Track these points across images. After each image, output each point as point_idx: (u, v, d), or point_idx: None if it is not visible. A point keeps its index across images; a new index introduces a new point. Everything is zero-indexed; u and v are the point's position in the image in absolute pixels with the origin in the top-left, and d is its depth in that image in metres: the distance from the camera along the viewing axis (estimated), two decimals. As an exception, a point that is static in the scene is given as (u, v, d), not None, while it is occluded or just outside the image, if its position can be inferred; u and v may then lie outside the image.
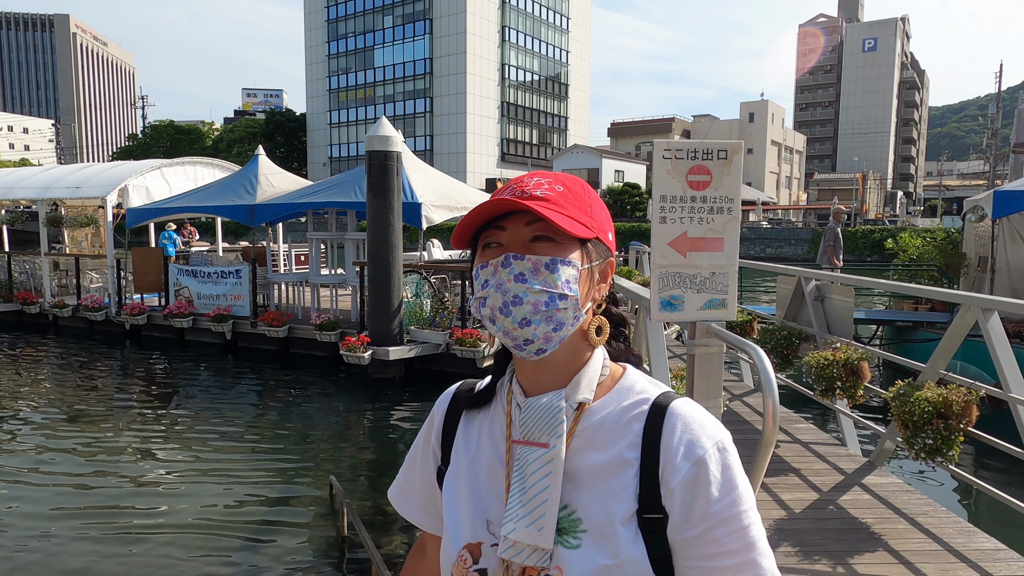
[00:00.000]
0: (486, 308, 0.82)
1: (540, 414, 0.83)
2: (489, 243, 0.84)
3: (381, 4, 73.55)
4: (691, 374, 2.91)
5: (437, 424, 0.98)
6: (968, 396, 3.48)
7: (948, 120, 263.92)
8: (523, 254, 0.81)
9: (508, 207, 0.82)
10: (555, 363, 0.85)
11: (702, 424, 0.81)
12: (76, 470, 6.31)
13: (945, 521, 3.56)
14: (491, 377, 0.95)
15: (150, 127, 78.74)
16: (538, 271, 0.80)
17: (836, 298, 5.36)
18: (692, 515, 0.78)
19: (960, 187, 76.69)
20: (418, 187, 10.17)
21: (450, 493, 0.91)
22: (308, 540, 4.99)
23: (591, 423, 0.84)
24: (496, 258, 0.82)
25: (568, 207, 0.83)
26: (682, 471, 0.78)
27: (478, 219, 0.84)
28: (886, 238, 15.64)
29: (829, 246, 11.42)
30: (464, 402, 0.95)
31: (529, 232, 0.82)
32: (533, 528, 0.79)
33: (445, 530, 0.90)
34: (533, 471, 0.82)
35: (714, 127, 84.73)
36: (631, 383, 0.87)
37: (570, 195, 0.84)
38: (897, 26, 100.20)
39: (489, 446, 0.90)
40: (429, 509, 0.99)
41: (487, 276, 0.82)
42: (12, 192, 14.62)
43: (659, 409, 0.82)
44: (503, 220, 0.83)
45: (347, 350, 8.93)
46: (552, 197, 0.82)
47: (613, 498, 0.80)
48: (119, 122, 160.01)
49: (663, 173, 2.59)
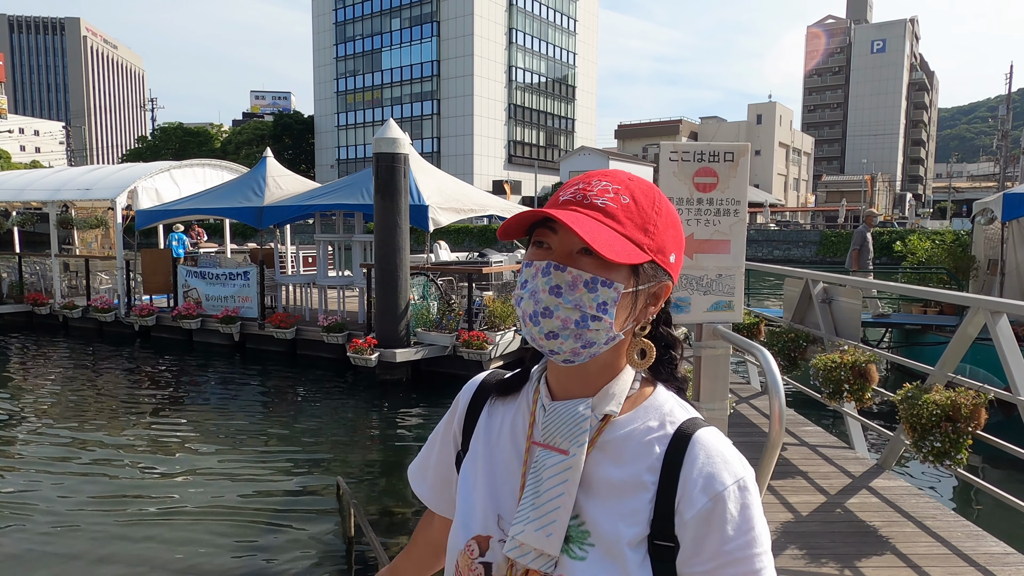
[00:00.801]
0: (520, 309, 0.81)
1: (564, 420, 0.82)
2: (539, 241, 0.81)
3: (389, 7, 73.81)
4: (698, 376, 2.91)
5: (461, 409, 0.98)
6: (977, 399, 3.47)
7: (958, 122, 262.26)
8: (565, 265, 0.77)
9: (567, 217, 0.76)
10: (586, 372, 0.83)
11: (725, 459, 0.78)
12: (84, 469, 6.36)
13: (953, 525, 3.55)
14: (522, 369, 0.93)
15: (159, 129, 79.21)
16: (575, 287, 0.77)
17: (844, 300, 5.34)
18: (703, 550, 0.76)
19: (970, 189, 76.23)
20: (425, 189, 10.19)
21: (465, 479, 0.91)
22: (315, 541, 5.01)
23: (614, 437, 0.82)
24: (541, 261, 0.79)
25: (626, 223, 0.78)
26: (698, 504, 0.76)
27: (533, 217, 0.80)
28: (895, 240, 15.56)
29: (855, 250, 11.00)
30: (492, 388, 0.95)
31: (579, 242, 0.77)
32: (542, 533, 0.79)
33: (456, 516, 0.90)
34: (549, 476, 0.80)
35: (721, 129, 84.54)
36: (660, 402, 0.84)
37: (635, 208, 0.79)
38: (906, 27, 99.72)
39: (510, 441, 0.89)
40: (440, 490, 1.01)
41: (527, 277, 0.80)
42: (23, 194, 14.74)
43: (683, 436, 0.80)
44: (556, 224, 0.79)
45: (354, 352, 8.96)
46: (613, 209, 0.78)
47: (624, 519, 0.79)
48: (129, 124, 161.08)
49: (670, 175, 2.60)
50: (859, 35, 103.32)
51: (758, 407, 6.04)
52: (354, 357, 8.98)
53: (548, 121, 78.47)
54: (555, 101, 79.20)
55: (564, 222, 0.74)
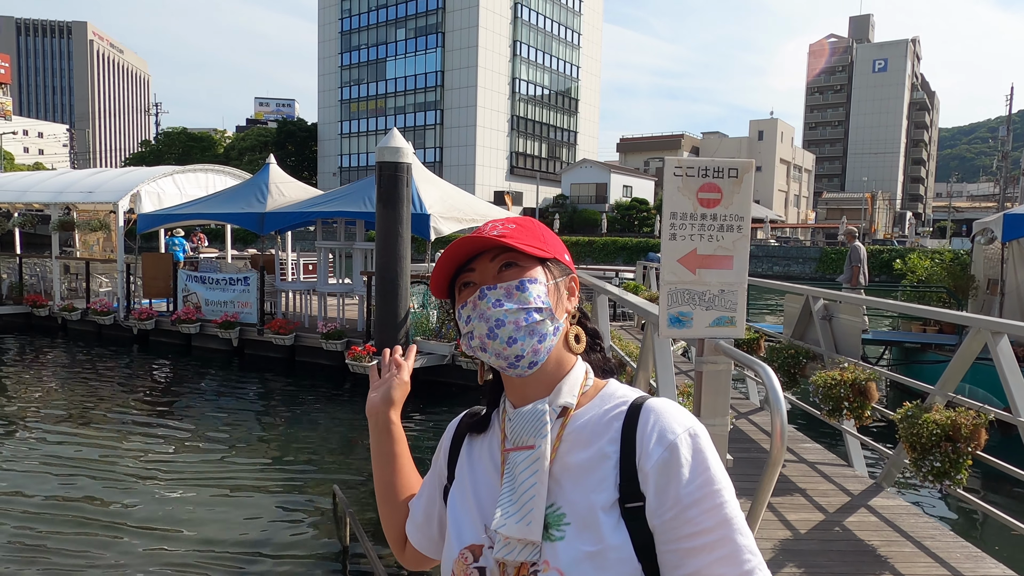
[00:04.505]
0: (475, 340, 0.91)
1: (526, 420, 0.90)
2: (464, 283, 0.94)
3: (394, 17, 74.25)
4: (698, 391, 2.90)
5: (445, 447, 1.07)
6: (977, 419, 3.46)
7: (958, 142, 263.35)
8: (495, 283, 0.91)
9: (473, 246, 0.92)
10: (541, 376, 0.92)
11: (673, 414, 0.86)
12: (78, 474, 6.32)
13: (952, 545, 3.53)
14: (487, 409, 1.03)
15: (163, 134, 79.43)
16: (511, 294, 0.90)
17: (844, 318, 5.34)
18: (667, 498, 0.82)
19: (970, 209, 76.40)
20: (427, 198, 10.21)
21: (454, 503, 0.99)
22: (311, 549, 4.98)
23: (576, 427, 0.90)
24: (472, 295, 0.91)
25: (524, 237, 0.92)
26: (655, 455, 0.83)
27: (449, 265, 0.94)
28: (895, 258, 15.58)
29: (856, 267, 10.85)
30: (466, 427, 1.04)
31: (496, 265, 0.92)
32: (523, 523, 0.85)
33: (448, 534, 0.97)
34: (522, 470, 0.88)
35: (723, 144, 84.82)
36: (613, 390, 0.94)
37: (523, 229, 0.94)
38: (908, 47, 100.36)
39: (488, 460, 0.98)
40: (423, 527, 1.08)
41: (468, 312, 0.91)
42: (26, 195, 14.77)
43: (636, 407, 0.89)
44: (472, 263, 0.93)
45: (353, 359, 8.95)
46: (508, 233, 0.92)
47: (594, 489, 0.85)
48: (133, 128, 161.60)
49: (674, 190, 2.60)
50: (861, 54, 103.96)
51: (757, 423, 6.03)
52: (352, 364, 8.96)
53: (550, 133, 78.74)
54: (558, 113, 79.51)
55: (486, 239, 0.89)
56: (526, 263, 0.92)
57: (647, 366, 4.22)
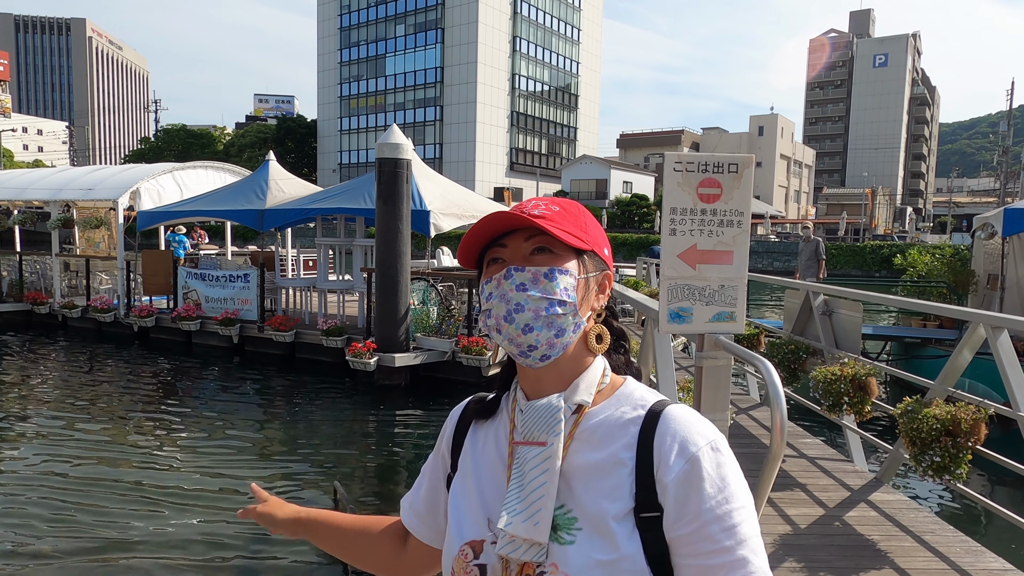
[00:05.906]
0: (491, 319, 0.88)
1: (539, 415, 0.87)
2: (493, 259, 0.90)
3: (394, 13, 74.11)
4: (699, 386, 2.91)
5: (448, 434, 1.03)
6: (977, 414, 3.46)
7: (959, 137, 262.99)
8: (523, 266, 0.87)
9: (509, 222, 0.88)
10: (557, 369, 0.89)
11: (695, 425, 0.84)
12: (78, 471, 6.33)
13: (952, 540, 3.53)
14: (497, 392, 1.00)
15: (162, 131, 79.37)
16: (537, 280, 0.86)
17: (844, 313, 5.34)
18: (686, 512, 0.80)
19: (970, 204, 76.39)
20: (427, 195, 10.20)
21: (456, 494, 0.96)
22: (310, 547, 4.98)
23: (590, 425, 0.87)
24: (499, 272, 0.88)
25: (564, 223, 0.88)
26: (676, 468, 0.81)
27: (481, 237, 0.90)
28: (895, 254, 15.57)
29: (822, 260, 12.53)
30: (473, 412, 1.00)
31: (529, 246, 0.87)
32: (529, 523, 0.82)
33: (448, 528, 0.94)
34: (531, 468, 0.85)
35: (723, 140, 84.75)
36: (630, 391, 0.91)
37: (566, 214, 0.90)
38: (908, 42, 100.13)
39: (494, 450, 0.94)
40: (425, 517, 1.05)
41: (491, 289, 0.88)
42: (25, 193, 14.76)
43: (654, 413, 0.86)
44: (505, 238, 0.89)
45: (353, 356, 8.95)
46: (549, 215, 0.88)
47: (607, 496, 0.83)
48: (132, 125, 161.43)
49: (674, 185, 2.60)
50: (861, 49, 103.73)
51: (757, 418, 6.04)
52: (353, 361, 8.97)
53: (550, 129, 78.66)
54: (558, 109, 79.41)
55: (524, 219, 0.85)
56: (561, 251, 0.87)
57: (647, 361, 4.22)
